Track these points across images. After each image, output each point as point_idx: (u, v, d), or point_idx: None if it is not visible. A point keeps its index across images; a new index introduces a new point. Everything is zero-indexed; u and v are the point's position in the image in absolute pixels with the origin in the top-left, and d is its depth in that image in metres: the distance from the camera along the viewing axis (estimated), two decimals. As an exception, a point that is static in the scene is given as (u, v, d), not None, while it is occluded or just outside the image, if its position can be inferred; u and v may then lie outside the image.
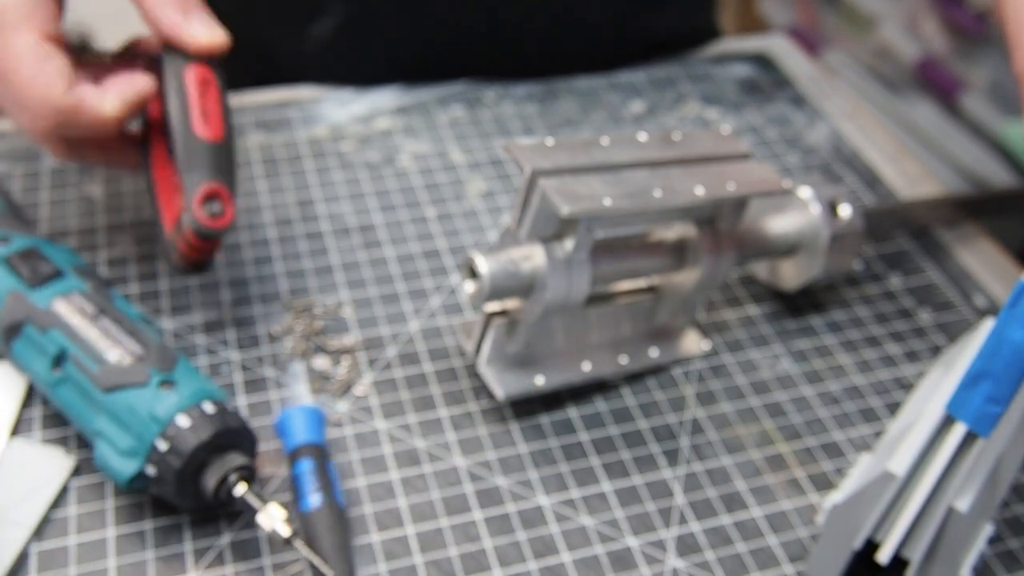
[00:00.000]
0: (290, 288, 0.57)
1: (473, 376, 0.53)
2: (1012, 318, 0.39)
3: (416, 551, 0.45)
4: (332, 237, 0.61)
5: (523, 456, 0.49)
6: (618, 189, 0.47)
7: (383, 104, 0.71)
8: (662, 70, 0.78)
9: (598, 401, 0.53)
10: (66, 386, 0.45)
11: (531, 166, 0.46)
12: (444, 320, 0.56)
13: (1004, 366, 0.39)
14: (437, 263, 0.60)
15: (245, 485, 0.43)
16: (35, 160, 0.64)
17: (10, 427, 0.48)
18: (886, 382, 0.55)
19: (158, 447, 0.42)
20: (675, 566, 0.46)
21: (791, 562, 0.46)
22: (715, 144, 0.53)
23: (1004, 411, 0.40)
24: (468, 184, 0.66)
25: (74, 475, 0.47)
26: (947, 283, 0.62)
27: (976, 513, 0.42)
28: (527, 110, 0.72)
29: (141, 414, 0.43)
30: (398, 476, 0.48)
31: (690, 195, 0.49)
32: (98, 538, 0.45)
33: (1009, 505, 0.50)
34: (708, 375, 0.55)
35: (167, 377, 0.44)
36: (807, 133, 0.73)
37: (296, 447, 0.47)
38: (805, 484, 0.50)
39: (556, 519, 0.47)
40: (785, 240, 0.56)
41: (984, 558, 0.47)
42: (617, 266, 0.51)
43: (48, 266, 0.48)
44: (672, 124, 0.72)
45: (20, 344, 0.47)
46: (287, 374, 0.52)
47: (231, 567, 0.44)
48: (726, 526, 0.47)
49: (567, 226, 0.47)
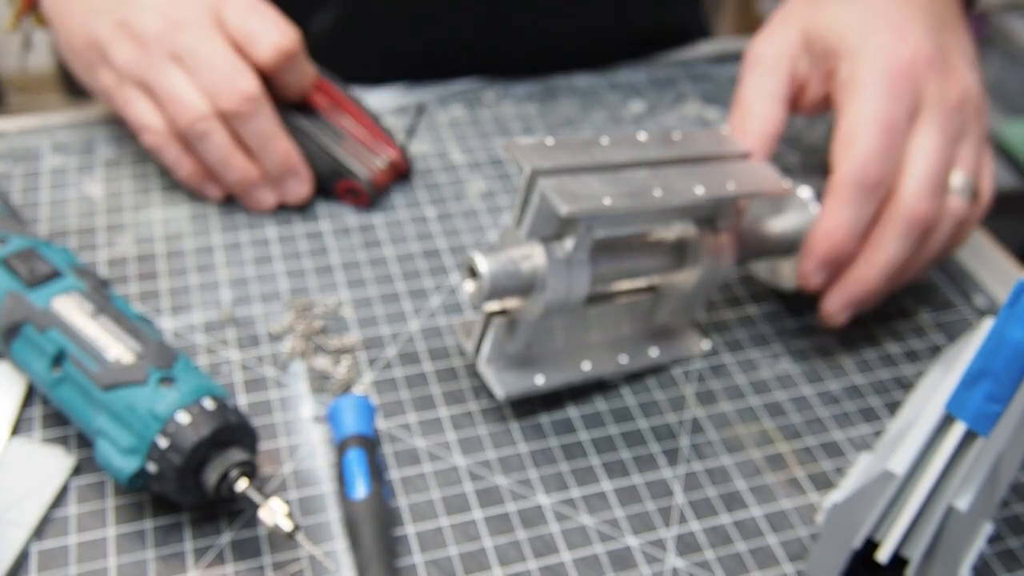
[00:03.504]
0: (290, 288, 0.57)
1: (473, 376, 0.53)
2: (1012, 318, 0.39)
3: (416, 550, 0.45)
4: (332, 237, 0.61)
5: (523, 455, 0.50)
6: (618, 188, 0.47)
7: (383, 104, 0.71)
8: (662, 70, 0.78)
9: (598, 401, 0.53)
10: (66, 385, 0.45)
11: (531, 165, 0.46)
12: (444, 320, 0.56)
13: (1004, 365, 0.39)
14: (437, 263, 0.60)
15: (246, 480, 0.43)
16: (35, 160, 0.64)
17: (10, 427, 0.48)
18: (886, 382, 0.55)
19: (159, 444, 0.42)
20: (675, 565, 0.46)
21: (791, 561, 0.46)
22: (715, 144, 0.53)
23: (1004, 410, 0.40)
24: (468, 184, 0.66)
25: (74, 474, 0.47)
26: (947, 283, 0.62)
27: (976, 512, 0.42)
28: (527, 110, 0.72)
29: (141, 412, 0.43)
30: (398, 476, 0.48)
31: (690, 195, 0.49)
32: (98, 537, 0.45)
33: (1009, 504, 0.50)
34: (708, 375, 0.55)
35: (166, 374, 0.44)
36: (807, 133, 0.73)
37: (345, 437, 0.47)
38: (805, 483, 0.50)
39: (556, 518, 0.47)
40: (785, 240, 0.56)
41: (984, 557, 0.47)
42: (617, 266, 0.51)
43: (46, 266, 0.48)
44: (672, 124, 0.72)
45: (19, 344, 0.47)
46: (287, 374, 0.52)
47: (231, 566, 0.44)
48: (726, 525, 0.47)
49: (567, 225, 0.47)
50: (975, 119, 0.52)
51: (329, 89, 0.65)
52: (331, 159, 0.62)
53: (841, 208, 0.50)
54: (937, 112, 0.51)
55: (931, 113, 0.51)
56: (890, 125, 0.50)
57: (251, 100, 0.57)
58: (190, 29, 0.58)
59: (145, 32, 0.58)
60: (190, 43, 0.57)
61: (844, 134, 0.51)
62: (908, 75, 0.50)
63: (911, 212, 0.50)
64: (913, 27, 0.52)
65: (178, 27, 0.58)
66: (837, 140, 0.51)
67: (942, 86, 0.51)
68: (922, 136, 0.50)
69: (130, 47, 0.58)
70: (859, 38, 0.52)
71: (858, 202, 0.49)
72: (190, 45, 0.57)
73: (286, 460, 0.48)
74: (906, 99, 0.50)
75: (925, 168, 0.50)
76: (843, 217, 0.50)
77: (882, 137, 0.49)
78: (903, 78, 0.50)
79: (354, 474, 0.46)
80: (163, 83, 0.58)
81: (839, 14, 0.54)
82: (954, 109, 0.51)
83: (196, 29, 0.58)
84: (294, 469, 0.48)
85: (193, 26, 0.58)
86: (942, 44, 0.53)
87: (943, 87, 0.51)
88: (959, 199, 0.51)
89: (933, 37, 0.52)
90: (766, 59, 0.55)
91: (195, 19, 0.58)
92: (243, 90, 0.57)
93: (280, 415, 0.50)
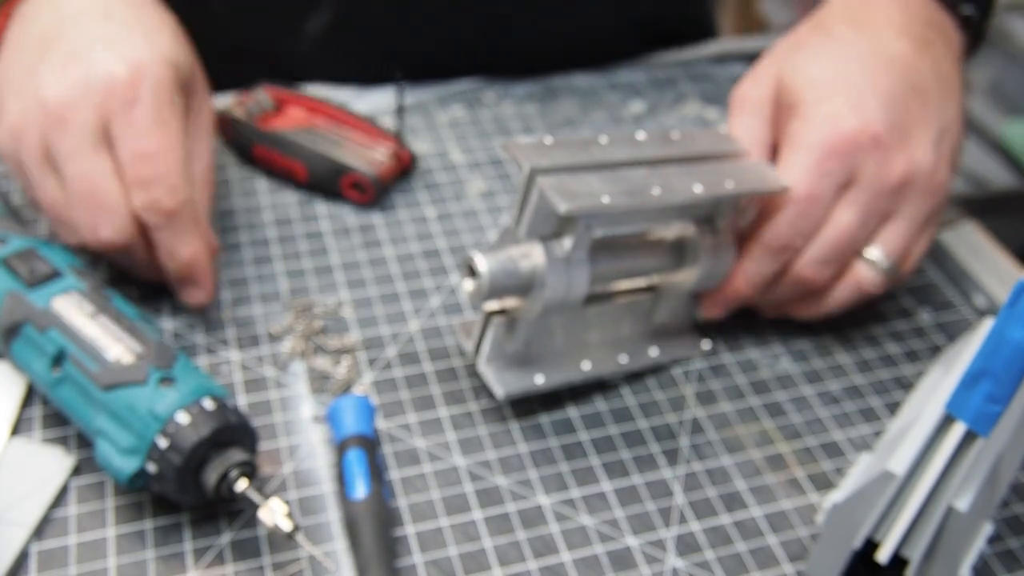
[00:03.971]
0: (290, 288, 0.57)
1: (473, 376, 0.53)
2: (1012, 318, 0.39)
3: (416, 550, 0.45)
4: (332, 237, 0.61)
5: (523, 456, 0.49)
6: (617, 187, 0.47)
7: (383, 104, 0.71)
8: (662, 70, 0.78)
9: (598, 401, 0.53)
10: (66, 385, 0.45)
11: (530, 164, 0.46)
12: (444, 320, 0.56)
13: (1004, 366, 0.39)
14: (437, 263, 0.60)
15: (246, 481, 0.43)
16: (35, 160, 0.64)
17: (10, 427, 0.48)
18: (886, 382, 0.55)
19: (158, 444, 0.42)
20: (675, 566, 0.46)
21: (791, 561, 0.46)
22: (714, 143, 0.53)
23: (1004, 410, 0.40)
24: (468, 184, 0.66)
25: (74, 474, 0.47)
26: (947, 283, 0.62)
27: (976, 512, 0.42)
28: (527, 110, 0.72)
29: (141, 412, 0.43)
30: (398, 476, 0.48)
31: (689, 193, 0.49)
32: (98, 537, 0.45)
33: (1009, 504, 0.50)
34: (708, 375, 0.55)
35: (166, 374, 0.44)
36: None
37: (345, 437, 0.47)
38: (805, 484, 0.50)
39: (556, 519, 0.47)
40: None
41: (984, 557, 0.47)
42: (616, 265, 0.51)
43: (46, 266, 0.48)
44: (672, 124, 0.72)
45: (19, 344, 0.47)
46: (287, 374, 0.52)
47: (231, 566, 0.44)
48: (726, 526, 0.47)
49: (566, 224, 0.47)
50: (918, 198, 0.52)
51: (321, 107, 0.65)
52: (331, 161, 0.62)
53: (747, 261, 0.53)
54: (863, 191, 0.51)
55: (858, 191, 0.51)
56: (810, 198, 0.51)
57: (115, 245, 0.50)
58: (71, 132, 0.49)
59: (26, 112, 0.50)
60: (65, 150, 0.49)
61: (769, 197, 0.52)
62: (846, 152, 0.51)
63: (798, 277, 0.53)
64: (872, 97, 0.51)
65: (59, 124, 0.49)
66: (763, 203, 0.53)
67: (882, 164, 0.51)
68: (840, 211, 0.52)
69: (12, 118, 0.50)
70: (815, 99, 0.52)
71: (762, 260, 0.53)
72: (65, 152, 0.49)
73: (286, 460, 0.48)
74: (837, 175, 0.51)
75: (828, 240, 0.52)
76: (748, 270, 0.53)
77: (798, 208, 0.51)
78: (839, 155, 0.51)
79: (354, 474, 0.46)
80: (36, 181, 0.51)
81: (810, 64, 0.53)
82: (887, 190, 0.51)
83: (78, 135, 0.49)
84: (294, 469, 0.48)
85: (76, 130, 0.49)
86: (901, 118, 0.52)
87: (883, 166, 0.51)
88: (867, 270, 0.53)
89: (892, 109, 0.51)
90: (749, 103, 0.55)
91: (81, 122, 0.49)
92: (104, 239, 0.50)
93: (280, 415, 0.50)
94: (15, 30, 0.54)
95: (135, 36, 0.52)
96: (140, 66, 0.50)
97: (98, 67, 0.50)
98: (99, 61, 0.50)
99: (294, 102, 0.66)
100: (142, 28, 0.52)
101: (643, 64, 0.78)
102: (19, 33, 0.54)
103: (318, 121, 0.65)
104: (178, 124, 0.51)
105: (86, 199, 0.49)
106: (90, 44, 0.51)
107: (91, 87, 0.49)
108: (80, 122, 0.49)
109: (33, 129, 0.50)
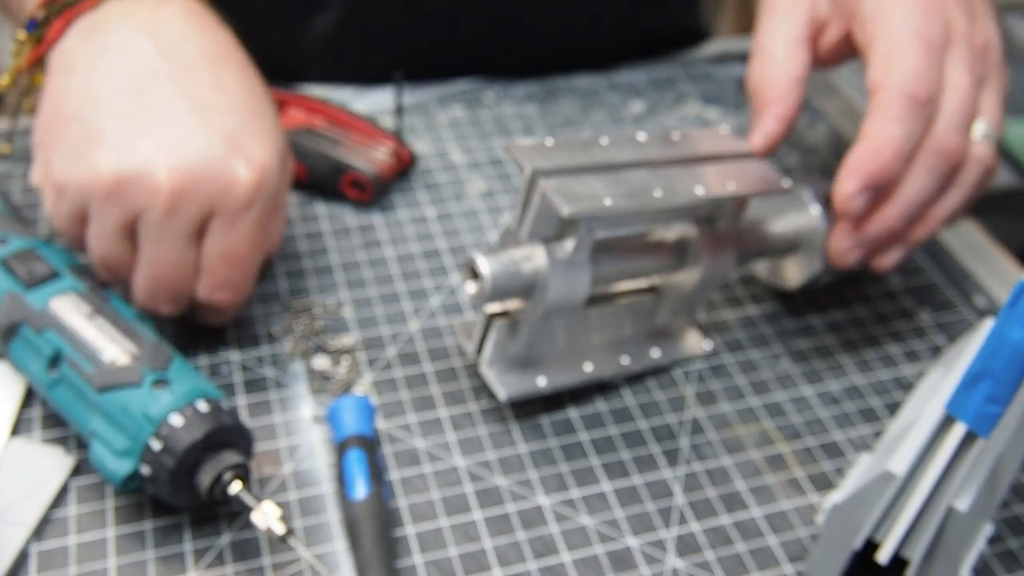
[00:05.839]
0: (290, 288, 0.57)
1: (473, 376, 0.53)
2: (1012, 318, 0.39)
3: (416, 551, 0.45)
4: (332, 237, 0.61)
5: (523, 456, 0.49)
6: (618, 189, 0.47)
7: (383, 104, 0.71)
8: (662, 70, 0.78)
9: (598, 401, 0.53)
10: (62, 387, 0.45)
11: (531, 166, 0.46)
12: (444, 320, 0.56)
13: (1004, 366, 0.39)
14: (437, 263, 0.60)
15: (240, 483, 0.43)
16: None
17: (10, 427, 0.48)
18: (886, 382, 0.55)
19: (152, 447, 0.42)
20: (675, 566, 0.46)
21: (791, 562, 0.46)
22: (714, 144, 0.53)
23: (1004, 411, 0.40)
24: (468, 184, 0.66)
25: (74, 475, 0.47)
26: (947, 283, 0.62)
27: (976, 513, 0.42)
28: (527, 110, 0.72)
29: (135, 414, 0.43)
30: (398, 476, 0.48)
31: (690, 194, 0.49)
32: (98, 538, 0.45)
33: (1009, 505, 0.50)
34: (708, 375, 0.55)
35: (161, 376, 0.44)
36: (807, 133, 0.73)
37: (345, 437, 0.47)
38: (805, 484, 0.50)
39: (556, 519, 0.47)
40: (785, 240, 0.56)
41: (984, 558, 0.47)
42: (618, 266, 0.51)
43: (44, 267, 0.48)
44: (672, 124, 0.72)
45: (17, 345, 0.47)
46: (287, 374, 0.52)
47: (231, 567, 0.44)
48: (726, 526, 0.47)
49: (568, 226, 0.47)
50: (996, 69, 0.50)
51: (321, 107, 0.65)
52: (331, 160, 0.62)
53: (891, 123, 0.45)
54: (965, 49, 0.48)
55: (960, 49, 0.48)
56: (930, 43, 0.46)
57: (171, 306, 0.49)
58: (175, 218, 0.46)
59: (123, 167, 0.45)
60: (159, 231, 0.46)
61: (884, 53, 0.47)
62: (938, 4, 0.47)
63: (942, 145, 0.46)
64: None
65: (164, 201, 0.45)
66: (876, 63, 0.48)
67: (969, 26, 0.49)
68: (953, 69, 0.47)
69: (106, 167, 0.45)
70: None
71: (909, 118, 0.45)
72: (157, 232, 0.46)
73: (286, 461, 0.48)
74: (938, 24, 0.47)
75: (957, 102, 0.47)
76: (893, 133, 0.45)
77: (927, 52, 0.46)
78: (934, 6, 0.47)
79: (354, 475, 0.46)
80: (97, 232, 0.47)
81: None
82: (979, 52, 0.49)
83: (179, 224, 0.46)
84: (294, 470, 0.48)
85: (181, 218, 0.46)
86: None
87: (970, 27, 0.49)
88: (984, 145, 0.49)
89: None
90: (782, 3, 0.53)
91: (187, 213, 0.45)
92: (158, 312, 0.49)
93: (280, 415, 0.50)
94: (92, 52, 0.48)
95: (257, 127, 0.47)
96: (264, 171, 0.47)
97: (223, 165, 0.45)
98: (223, 158, 0.45)
99: (294, 102, 0.66)
100: (262, 119, 0.48)
101: (643, 64, 0.78)
102: (102, 60, 0.48)
103: (318, 121, 0.65)
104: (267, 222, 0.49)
105: (160, 282, 0.47)
106: (212, 127, 0.46)
107: (210, 181, 0.45)
108: (187, 212, 0.45)
109: (128, 191, 0.45)
